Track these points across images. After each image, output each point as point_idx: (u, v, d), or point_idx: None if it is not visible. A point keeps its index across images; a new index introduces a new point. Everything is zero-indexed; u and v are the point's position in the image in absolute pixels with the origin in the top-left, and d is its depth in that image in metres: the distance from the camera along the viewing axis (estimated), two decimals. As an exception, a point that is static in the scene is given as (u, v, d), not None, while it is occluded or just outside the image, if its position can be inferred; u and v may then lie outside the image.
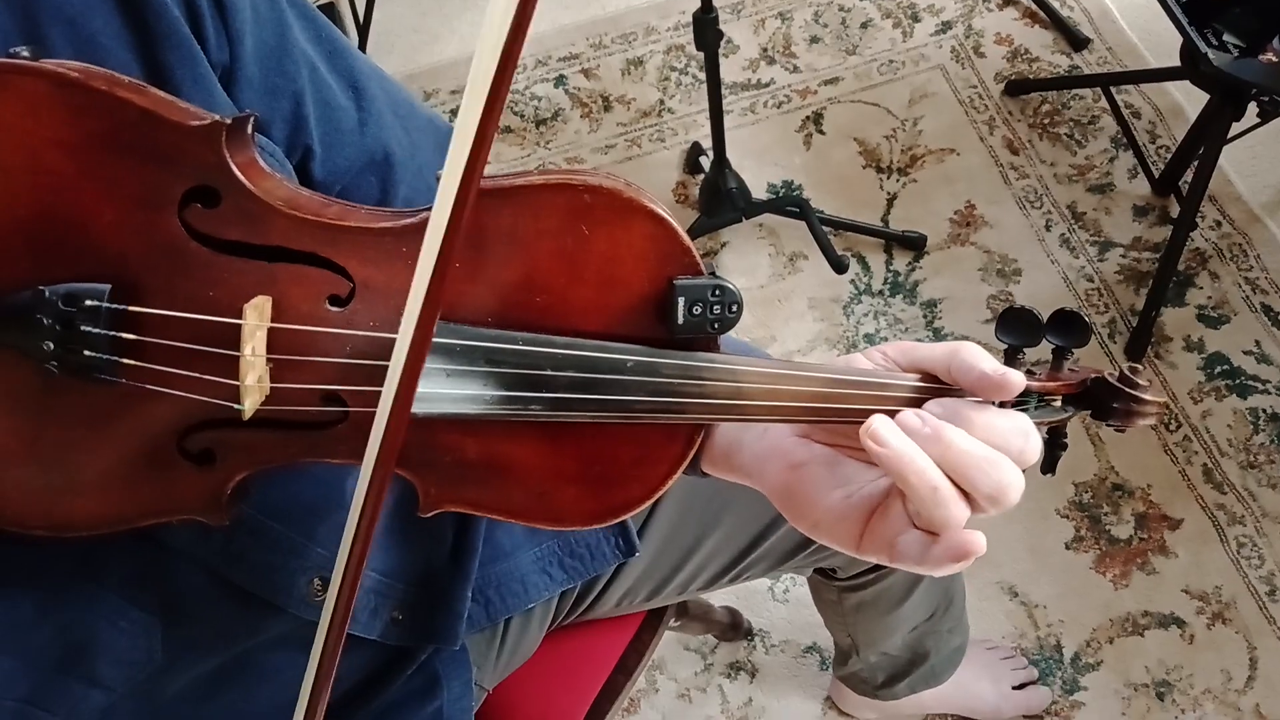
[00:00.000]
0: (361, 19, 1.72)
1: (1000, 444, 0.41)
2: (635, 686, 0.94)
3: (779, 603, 1.37)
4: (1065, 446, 0.48)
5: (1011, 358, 0.45)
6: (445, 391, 0.41)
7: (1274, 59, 1.20)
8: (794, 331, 1.53)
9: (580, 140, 1.70)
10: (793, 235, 1.58)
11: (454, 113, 1.75)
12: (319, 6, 1.71)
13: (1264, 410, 1.42)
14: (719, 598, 1.31)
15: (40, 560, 0.47)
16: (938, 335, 1.52)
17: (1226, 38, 1.21)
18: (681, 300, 0.41)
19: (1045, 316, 0.45)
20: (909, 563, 0.42)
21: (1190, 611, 1.33)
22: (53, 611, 0.48)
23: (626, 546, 0.77)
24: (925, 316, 1.53)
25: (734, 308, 0.41)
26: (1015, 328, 0.44)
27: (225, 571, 0.55)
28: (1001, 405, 0.43)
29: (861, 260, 1.57)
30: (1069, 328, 0.45)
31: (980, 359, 0.42)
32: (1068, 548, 1.37)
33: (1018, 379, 0.41)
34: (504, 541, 0.73)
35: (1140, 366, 0.46)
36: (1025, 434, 0.42)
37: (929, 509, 0.40)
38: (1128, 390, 0.45)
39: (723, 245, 1.60)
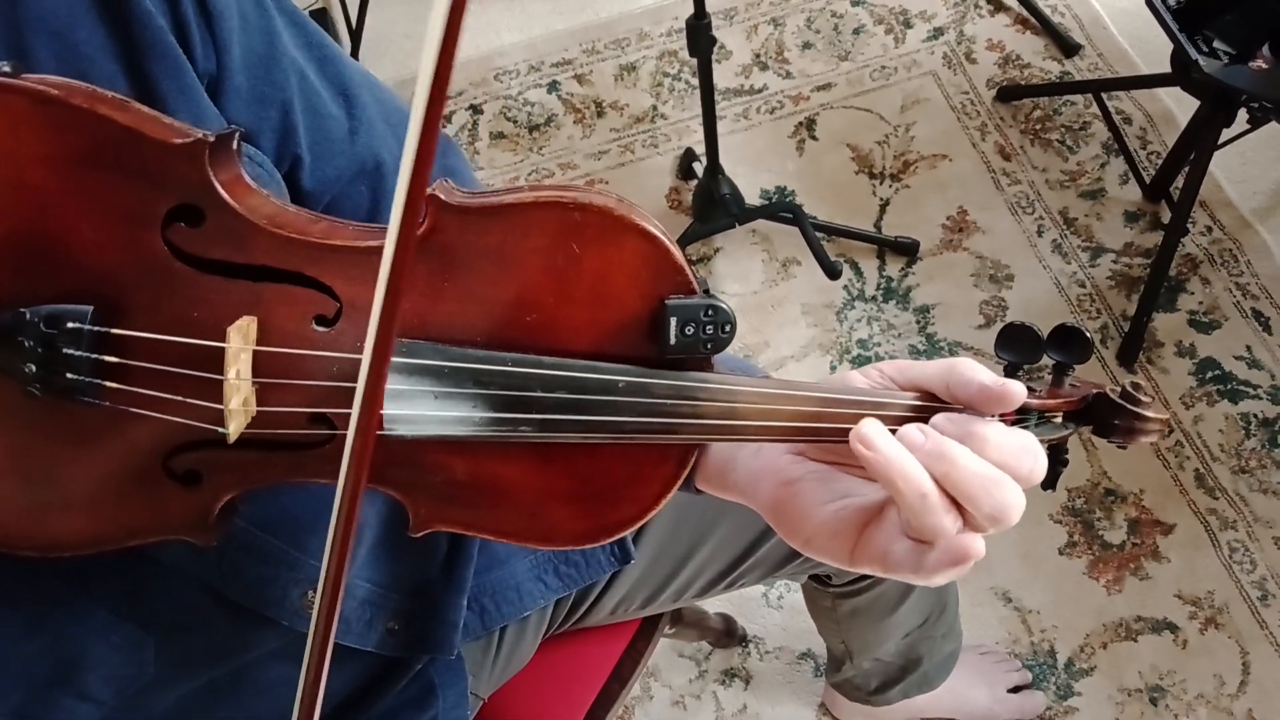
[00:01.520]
0: (354, 25, 1.72)
1: (1010, 463, 0.40)
2: (630, 694, 0.93)
3: (773, 609, 1.37)
4: (1066, 463, 0.48)
5: (1011, 374, 0.44)
6: (433, 414, 0.40)
7: (1264, 66, 1.20)
8: (787, 338, 1.53)
9: (573, 146, 1.70)
10: (786, 241, 1.58)
11: (447, 119, 1.75)
12: (311, 13, 1.71)
13: (1255, 415, 1.42)
14: (713, 605, 1.30)
15: (29, 577, 0.47)
16: (931, 341, 1.52)
17: (1217, 44, 1.22)
18: (674, 320, 0.40)
19: (1045, 332, 0.44)
20: (904, 572, 0.41)
21: (1183, 617, 1.33)
22: (42, 628, 0.47)
23: (621, 554, 0.76)
24: (918, 322, 1.53)
25: (727, 328, 0.41)
26: (1015, 344, 0.44)
27: (218, 585, 0.55)
28: (1001, 421, 0.43)
29: (854, 266, 1.57)
30: (1069, 343, 0.44)
31: (978, 372, 0.42)
32: (1061, 553, 1.37)
33: (1019, 389, 0.41)
34: (499, 550, 0.73)
35: (1141, 382, 0.46)
36: (1034, 453, 0.41)
37: (919, 517, 0.40)
38: (1130, 407, 0.45)
39: (716, 251, 1.60)
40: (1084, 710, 1.30)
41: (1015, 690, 1.30)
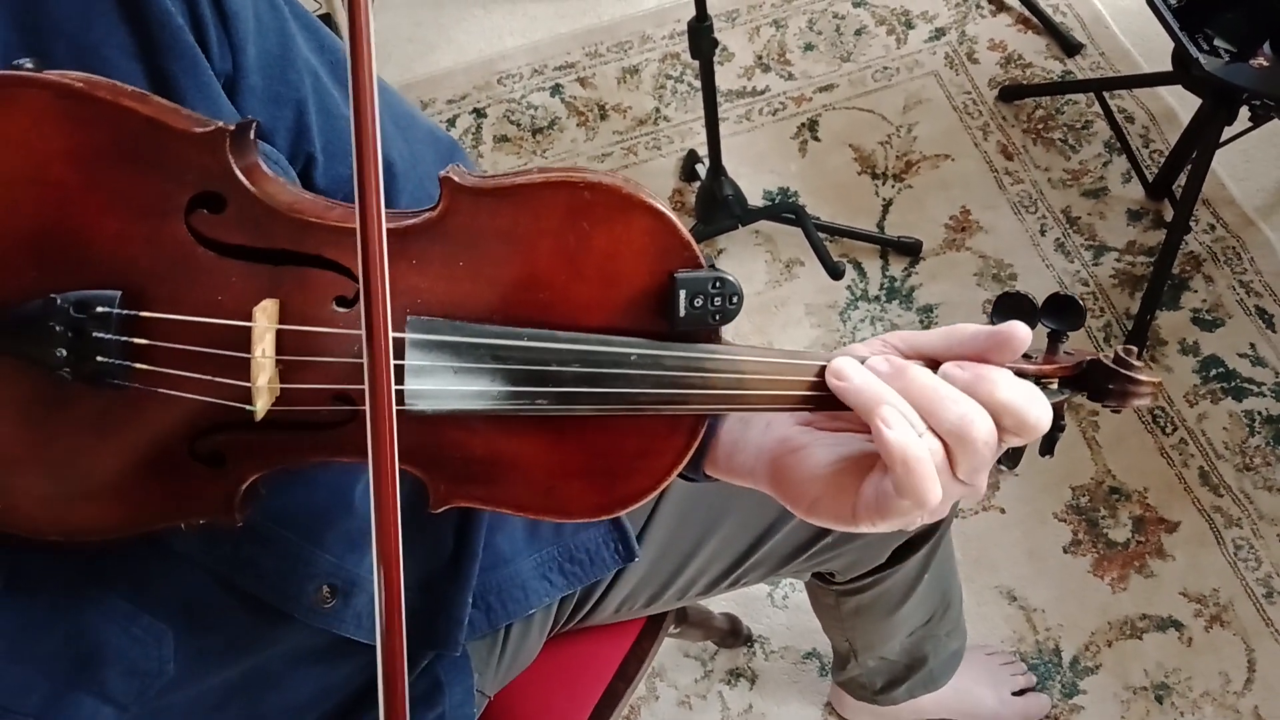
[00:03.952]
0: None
1: (1020, 404, 0.42)
2: (635, 693, 0.94)
3: (778, 609, 1.37)
4: (1063, 428, 0.49)
5: None
6: (452, 389, 0.42)
7: (1265, 63, 1.21)
8: (791, 338, 1.54)
9: (577, 149, 1.71)
10: (789, 242, 1.59)
11: (451, 122, 1.76)
12: (317, 15, 1.72)
13: (1259, 413, 1.43)
14: (718, 604, 1.31)
15: (51, 566, 0.47)
16: (934, 340, 1.52)
17: (1218, 42, 1.23)
18: (683, 293, 0.42)
19: (1040, 301, 0.46)
20: (898, 512, 0.42)
21: (1188, 614, 1.33)
22: (63, 617, 0.48)
23: (626, 551, 0.77)
24: (922, 322, 1.53)
25: (734, 299, 0.42)
26: (1010, 313, 0.45)
27: (234, 578, 0.55)
28: None
29: (858, 266, 1.58)
30: (1063, 311, 0.46)
31: (979, 327, 0.44)
32: (1065, 551, 1.37)
33: (1023, 327, 0.43)
34: (504, 547, 0.73)
35: (1133, 348, 0.47)
36: (1041, 399, 0.43)
37: (889, 441, 0.41)
38: (1122, 371, 0.46)
39: (719, 252, 1.60)
40: (1090, 708, 1.30)
41: (1020, 694, 1.30)
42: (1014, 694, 1.29)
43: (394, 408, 0.35)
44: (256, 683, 0.59)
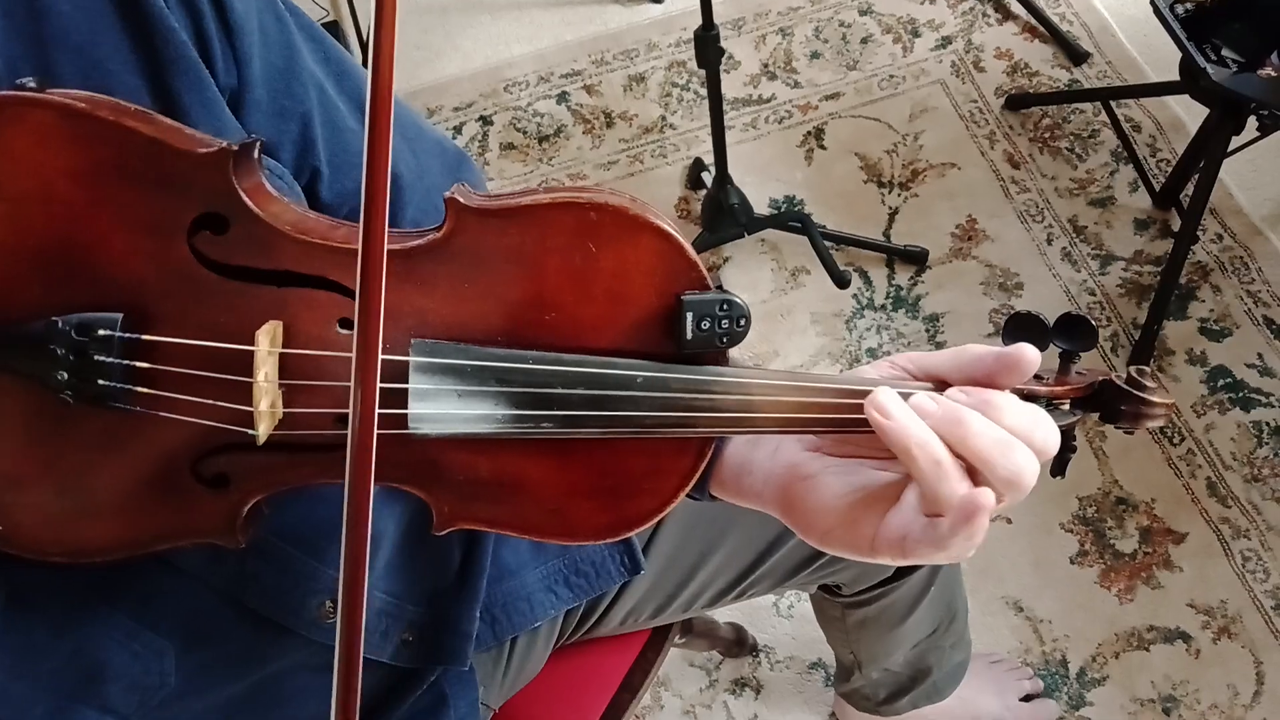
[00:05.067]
0: (364, 37, 1.73)
1: (1025, 428, 0.41)
2: (640, 704, 0.93)
3: (783, 619, 1.37)
4: (1074, 449, 0.49)
5: None
6: (457, 412, 0.41)
7: (1273, 74, 1.21)
8: (796, 346, 1.53)
9: (583, 156, 1.71)
10: (795, 250, 1.59)
11: (457, 129, 1.76)
12: (322, 25, 1.72)
13: (1267, 423, 1.42)
14: (724, 614, 1.30)
15: (52, 584, 0.47)
16: (940, 349, 1.52)
17: (1225, 52, 1.22)
18: (690, 315, 0.41)
19: (1051, 321, 0.45)
20: (924, 550, 0.41)
21: (1196, 626, 1.32)
22: (65, 635, 0.48)
23: (631, 564, 0.76)
24: (928, 331, 1.53)
25: (742, 322, 0.42)
26: (1023, 333, 0.45)
27: (237, 594, 0.55)
28: None
29: (864, 275, 1.57)
30: (1075, 331, 0.45)
31: (988, 348, 0.43)
32: (1072, 562, 1.37)
33: (1032, 350, 0.42)
34: (510, 560, 0.73)
35: (1147, 368, 0.47)
36: (1046, 424, 0.42)
37: (934, 485, 0.40)
38: (1135, 392, 0.46)
39: (725, 260, 1.60)
40: (1097, 720, 1.29)
41: (1027, 699, 1.29)
42: (1020, 700, 1.28)
43: (375, 429, 0.34)
44: (262, 697, 0.59)
